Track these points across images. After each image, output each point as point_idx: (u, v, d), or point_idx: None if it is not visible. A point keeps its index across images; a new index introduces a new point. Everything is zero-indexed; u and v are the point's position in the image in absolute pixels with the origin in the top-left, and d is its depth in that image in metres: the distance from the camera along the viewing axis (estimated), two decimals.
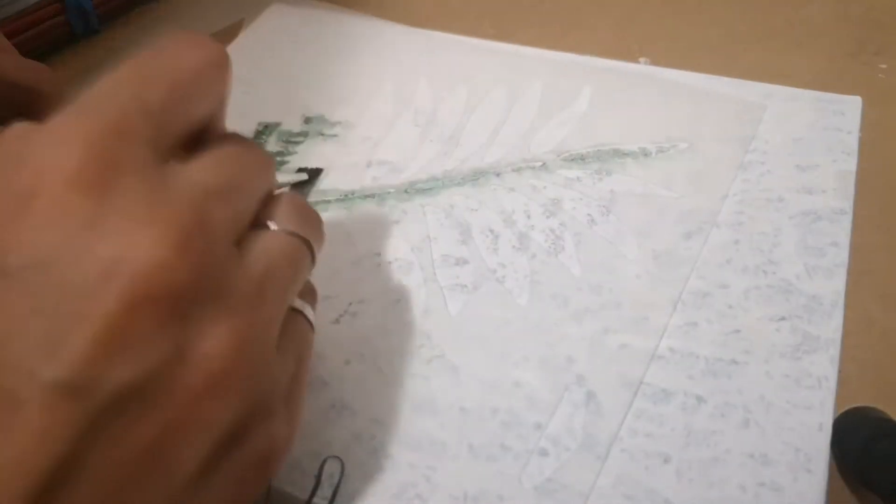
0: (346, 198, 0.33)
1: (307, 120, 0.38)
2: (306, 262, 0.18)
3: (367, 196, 0.33)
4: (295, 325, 0.18)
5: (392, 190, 0.33)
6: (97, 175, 0.13)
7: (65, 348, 0.12)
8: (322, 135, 0.37)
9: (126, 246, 0.13)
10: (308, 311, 0.18)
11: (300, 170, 0.29)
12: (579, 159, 0.34)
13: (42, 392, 0.12)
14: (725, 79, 0.36)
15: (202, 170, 0.15)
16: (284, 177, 0.25)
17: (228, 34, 0.45)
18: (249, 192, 0.16)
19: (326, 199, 0.33)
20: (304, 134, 0.37)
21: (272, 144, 0.37)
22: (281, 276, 0.16)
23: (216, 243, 0.14)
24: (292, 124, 0.38)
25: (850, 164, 0.32)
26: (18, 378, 0.12)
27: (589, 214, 0.31)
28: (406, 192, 0.33)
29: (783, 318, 0.27)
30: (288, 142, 0.37)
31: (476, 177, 0.34)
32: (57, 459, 0.12)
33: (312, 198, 0.34)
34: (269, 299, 0.15)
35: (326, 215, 0.33)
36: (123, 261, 0.13)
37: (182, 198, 0.14)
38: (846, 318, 0.27)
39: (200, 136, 0.16)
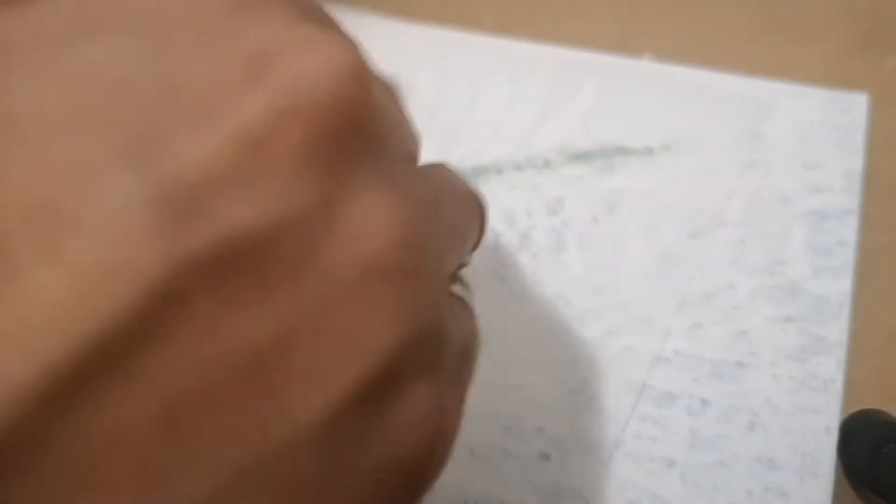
0: None
1: None
2: (476, 218, 0.13)
3: None
4: (460, 306, 0.13)
5: None
6: None
7: (163, 150, 0.07)
8: None
9: (296, 42, 0.09)
10: (470, 300, 0.14)
11: None
12: (582, 156, 0.33)
13: (116, 213, 0.07)
14: (731, 75, 0.36)
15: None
16: None
17: None
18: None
19: None
20: None
21: None
22: (454, 210, 0.12)
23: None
24: None
25: (858, 163, 0.32)
26: (79, 196, 0.07)
27: (592, 213, 0.31)
28: None
29: (790, 320, 0.26)
30: None
31: (477, 174, 0.33)
32: (123, 323, 0.07)
33: None
34: (442, 215, 0.11)
35: None
36: (287, 56, 0.09)
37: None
38: (853, 319, 0.27)
39: None
